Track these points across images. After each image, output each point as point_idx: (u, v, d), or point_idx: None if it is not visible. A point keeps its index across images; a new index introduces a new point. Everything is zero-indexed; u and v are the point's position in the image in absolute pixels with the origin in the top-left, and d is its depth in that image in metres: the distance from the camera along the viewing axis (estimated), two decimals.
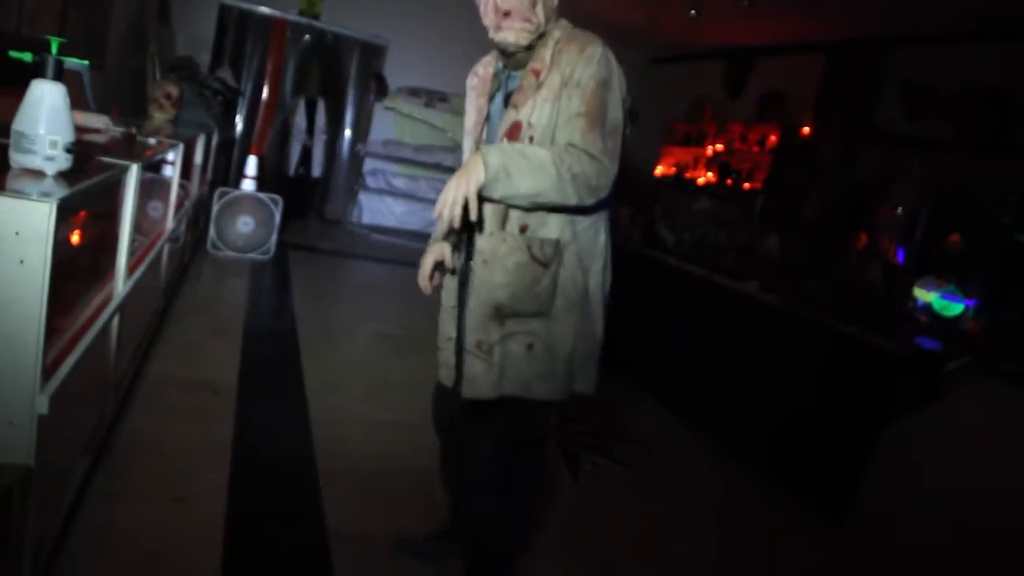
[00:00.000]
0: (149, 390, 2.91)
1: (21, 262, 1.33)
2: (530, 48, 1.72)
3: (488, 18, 1.71)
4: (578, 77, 1.63)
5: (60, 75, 1.64)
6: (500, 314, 1.72)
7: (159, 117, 4.99)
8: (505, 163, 1.54)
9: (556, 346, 1.76)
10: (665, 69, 8.94)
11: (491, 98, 1.85)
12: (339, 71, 8.11)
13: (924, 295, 3.60)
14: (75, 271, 2.40)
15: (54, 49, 1.63)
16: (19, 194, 1.33)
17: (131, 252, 2.38)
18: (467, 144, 1.93)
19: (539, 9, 1.68)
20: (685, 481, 3.31)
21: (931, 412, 2.06)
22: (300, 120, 7.46)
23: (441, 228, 1.86)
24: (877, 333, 3.10)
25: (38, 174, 1.59)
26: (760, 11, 5.51)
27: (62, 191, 1.47)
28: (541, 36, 1.72)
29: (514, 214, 1.69)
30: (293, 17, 7.65)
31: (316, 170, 7.54)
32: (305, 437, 2.84)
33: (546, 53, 1.71)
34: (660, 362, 4.19)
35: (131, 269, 2.50)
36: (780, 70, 7.07)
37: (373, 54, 8.08)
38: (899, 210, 5.03)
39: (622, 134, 1.70)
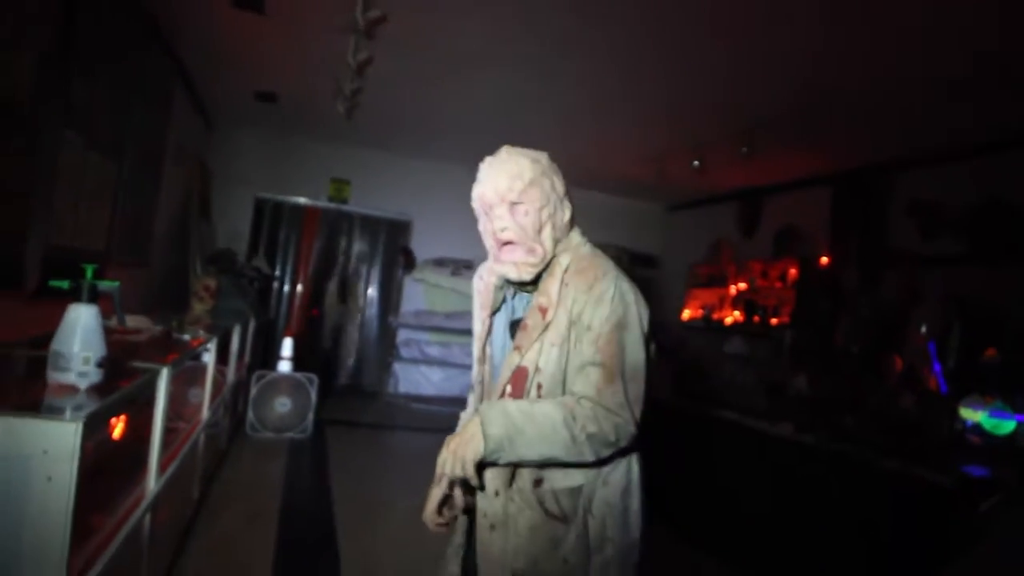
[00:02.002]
0: None
1: (49, 479, 1.41)
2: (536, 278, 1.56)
3: (487, 240, 1.57)
4: (588, 320, 1.45)
5: (94, 297, 1.80)
6: None
7: (199, 308, 5.26)
8: (509, 432, 1.37)
9: None
10: (681, 216, 9.25)
11: (495, 312, 1.68)
12: (368, 249, 8.55)
13: (972, 415, 3.50)
14: (112, 465, 2.48)
15: (89, 275, 1.80)
16: (48, 414, 1.43)
17: (163, 449, 2.46)
18: (476, 350, 1.74)
19: (545, 235, 1.51)
20: None
21: (972, 557, 1.96)
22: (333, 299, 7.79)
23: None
24: (921, 465, 2.99)
25: (71, 389, 1.71)
26: (761, 154, 5.76)
27: (91, 406, 1.57)
28: (548, 264, 1.54)
29: (526, 469, 1.49)
30: (323, 204, 8.17)
31: (351, 348, 7.74)
32: None
33: (552, 286, 1.51)
34: (699, 512, 4.05)
35: (164, 465, 2.57)
36: (791, 205, 7.27)
37: (399, 230, 8.53)
38: (924, 329, 4.98)
39: (645, 368, 1.50)
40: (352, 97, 5.24)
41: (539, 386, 1.49)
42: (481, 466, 1.42)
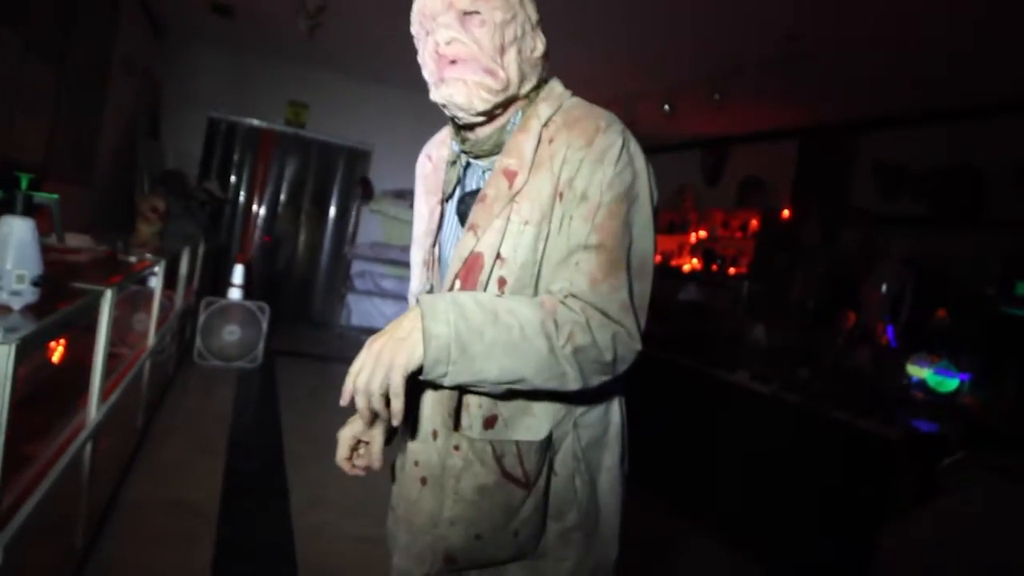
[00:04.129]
0: (126, 515, 2.80)
1: None
2: (493, 117, 1.12)
3: (427, 68, 1.12)
4: (583, 186, 1.03)
5: (30, 210, 1.65)
6: (453, 565, 1.11)
7: (146, 230, 5.03)
8: (460, 333, 0.92)
9: None
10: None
11: (448, 196, 1.21)
12: (325, 177, 8.30)
13: (918, 371, 3.57)
14: (51, 392, 2.36)
15: (24, 185, 1.64)
16: None
17: (105, 375, 2.33)
18: (416, 258, 1.29)
19: (510, 59, 1.08)
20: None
21: (930, 512, 2.00)
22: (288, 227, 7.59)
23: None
24: (871, 418, 3.04)
25: (4, 310, 1.58)
26: (731, 102, 5.68)
27: (26, 328, 1.44)
28: (512, 102, 1.12)
29: (473, 400, 1.08)
30: (279, 127, 7.86)
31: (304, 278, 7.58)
32: (288, 557, 2.73)
33: (525, 141, 1.08)
34: (655, 457, 4.10)
35: (107, 393, 2.45)
36: (756, 156, 7.26)
37: (358, 159, 8.28)
38: (884, 288, 5.05)
39: (652, 262, 1.11)
40: (316, 15, 4.97)
41: (501, 282, 1.07)
42: (416, 385, 1.02)
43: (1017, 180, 4.81)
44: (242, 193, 8.00)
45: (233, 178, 7.93)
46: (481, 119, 1.10)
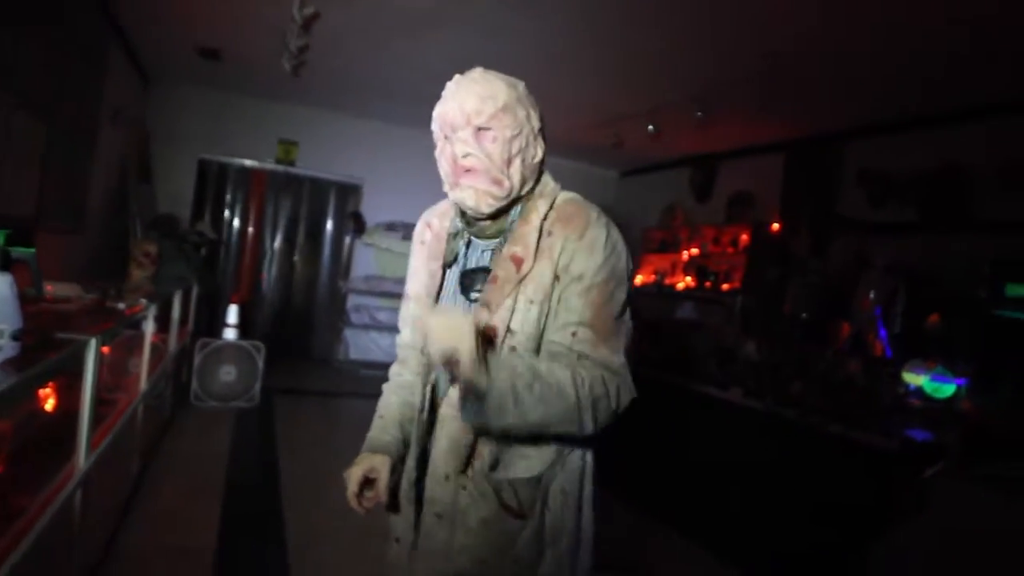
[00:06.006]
0: (123, 563, 2.79)
1: None
2: (497, 216, 1.33)
3: (443, 168, 1.31)
4: (579, 269, 1.25)
5: (7, 264, 1.67)
6: None
7: (138, 275, 5.08)
8: (515, 386, 1.13)
9: None
10: (634, 181, 9.23)
11: (449, 264, 1.40)
12: (317, 213, 8.36)
13: (914, 379, 3.57)
14: (42, 442, 2.36)
15: (1, 240, 1.67)
16: None
17: (94, 423, 2.34)
18: (412, 313, 1.48)
19: (515, 169, 1.28)
20: None
21: (915, 524, 1.99)
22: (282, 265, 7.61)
23: (375, 432, 1.49)
24: (866, 429, 3.04)
25: None
26: (716, 119, 5.74)
27: (3, 383, 1.46)
28: (515, 202, 1.32)
29: (485, 448, 1.28)
30: (270, 166, 7.92)
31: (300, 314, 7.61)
32: None
33: (529, 233, 1.29)
34: (650, 477, 4.08)
35: (97, 440, 2.46)
36: (744, 171, 7.29)
37: (349, 193, 8.34)
38: (872, 295, 5.05)
39: (631, 327, 1.32)
40: (299, 54, 5.04)
41: (511, 350, 1.25)
42: (430, 431, 1.31)
43: (1002, 181, 4.83)
44: (235, 233, 8.05)
45: (226, 218, 7.99)
46: (486, 217, 1.32)
